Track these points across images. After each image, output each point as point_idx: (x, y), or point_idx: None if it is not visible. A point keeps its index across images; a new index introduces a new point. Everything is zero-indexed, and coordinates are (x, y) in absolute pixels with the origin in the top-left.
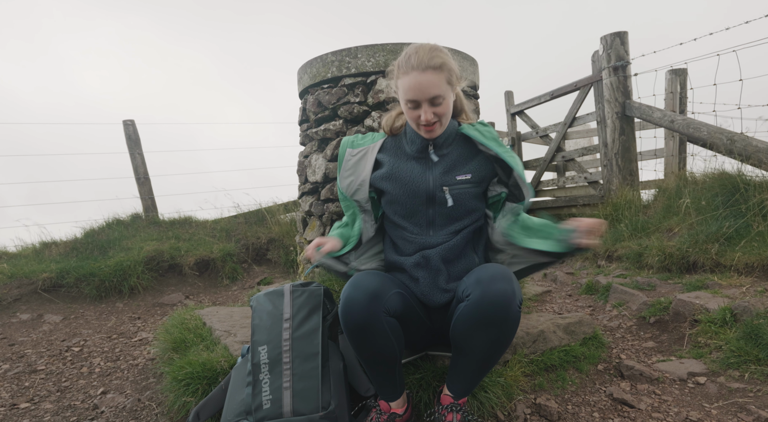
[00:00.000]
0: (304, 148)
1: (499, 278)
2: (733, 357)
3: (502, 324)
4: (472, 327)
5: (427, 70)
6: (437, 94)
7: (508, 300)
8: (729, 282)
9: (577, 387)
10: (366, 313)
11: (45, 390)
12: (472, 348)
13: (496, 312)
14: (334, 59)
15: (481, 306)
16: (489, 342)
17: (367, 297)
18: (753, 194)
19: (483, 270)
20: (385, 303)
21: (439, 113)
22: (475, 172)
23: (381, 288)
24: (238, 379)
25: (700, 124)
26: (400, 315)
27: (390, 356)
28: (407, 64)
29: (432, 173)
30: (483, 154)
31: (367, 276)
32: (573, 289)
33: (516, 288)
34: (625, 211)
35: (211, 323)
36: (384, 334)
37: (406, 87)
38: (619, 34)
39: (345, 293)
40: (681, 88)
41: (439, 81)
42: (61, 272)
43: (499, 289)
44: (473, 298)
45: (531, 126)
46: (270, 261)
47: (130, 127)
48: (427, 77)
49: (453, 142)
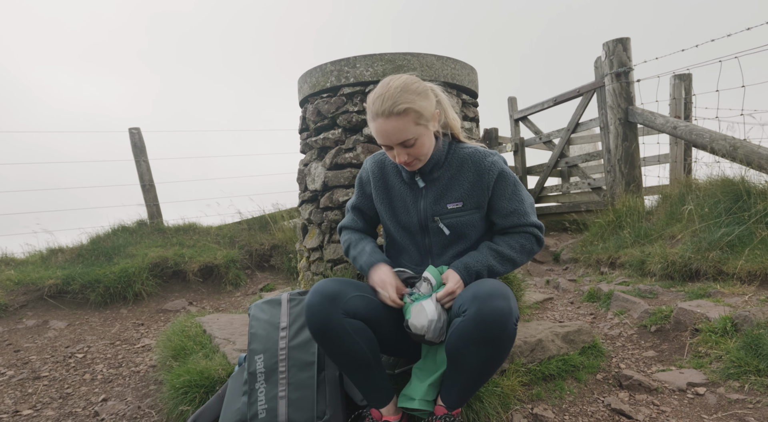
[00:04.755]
0: (304, 157)
1: (496, 295)
2: (733, 367)
3: (497, 341)
4: (468, 343)
5: (391, 117)
6: (407, 138)
7: (504, 317)
8: (731, 291)
9: (575, 397)
10: (323, 316)
11: (48, 396)
12: (466, 363)
13: (491, 330)
14: (333, 69)
15: (477, 323)
16: (483, 358)
17: (323, 300)
18: (756, 201)
19: (481, 285)
20: (344, 306)
21: (413, 154)
22: (467, 198)
23: (339, 291)
24: (234, 388)
25: (703, 130)
26: (366, 318)
27: (361, 358)
28: (372, 108)
29: (424, 201)
30: (479, 178)
31: (327, 282)
32: (575, 296)
33: (513, 305)
34: (628, 218)
35: (211, 330)
36: (346, 335)
37: (375, 131)
38: (621, 40)
39: (306, 300)
40: (686, 93)
41: (406, 125)
42: (67, 278)
43: (496, 307)
44: (469, 314)
45: (534, 132)
46: (273, 268)
47: (136, 135)
48: (392, 124)
49: (444, 165)
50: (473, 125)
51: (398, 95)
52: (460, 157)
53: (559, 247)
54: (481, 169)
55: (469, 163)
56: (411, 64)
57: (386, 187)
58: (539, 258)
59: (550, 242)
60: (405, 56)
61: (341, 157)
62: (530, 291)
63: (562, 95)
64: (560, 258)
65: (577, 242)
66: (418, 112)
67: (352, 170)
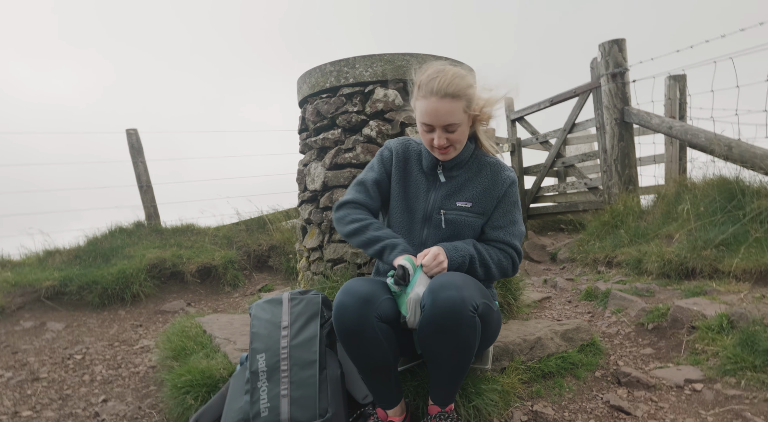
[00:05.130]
0: (304, 157)
1: (447, 286)
2: (730, 363)
3: (456, 330)
4: (430, 335)
5: (446, 98)
6: (452, 122)
7: (456, 306)
8: (727, 289)
9: (574, 394)
10: (357, 318)
11: (47, 398)
12: (436, 356)
13: (446, 320)
14: (333, 69)
15: (433, 315)
16: (449, 348)
17: (358, 303)
18: (751, 200)
19: (437, 279)
20: (377, 309)
21: (452, 140)
22: (477, 201)
23: (372, 293)
24: (236, 387)
25: (698, 130)
26: (393, 321)
27: (384, 362)
28: (428, 86)
29: (436, 193)
30: (493, 185)
31: (358, 282)
32: (573, 295)
33: (465, 294)
34: (625, 217)
35: (211, 331)
36: (376, 339)
37: (422, 110)
38: (617, 41)
39: (337, 299)
40: (680, 94)
41: (456, 109)
42: (64, 280)
43: (447, 297)
44: (426, 307)
45: (531, 132)
46: (271, 268)
47: (133, 135)
48: (444, 105)
49: (465, 166)
50: None
51: (456, 80)
52: (481, 163)
53: (556, 247)
54: (497, 180)
55: (487, 169)
56: (410, 64)
57: (405, 170)
58: (536, 257)
59: (547, 242)
60: (404, 57)
61: (341, 157)
62: (528, 290)
63: (559, 96)
64: (557, 258)
65: (573, 242)
66: (469, 100)
67: (351, 170)
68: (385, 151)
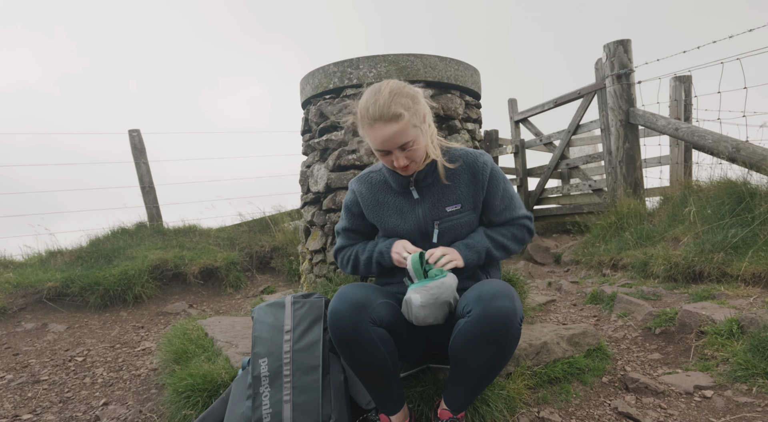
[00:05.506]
0: (307, 158)
1: (500, 295)
2: (741, 370)
3: (502, 341)
4: (473, 344)
5: (391, 121)
6: (405, 141)
7: (509, 318)
8: (736, 293)
9: (581, 400)
10: (352, 324)
11: (47, 401)
12: (471, 365)
13: (496, 330)
14: (336, 70)
15: (482, 324)
16: (489, 358)
17: (351, 308)
18: (759, 203)
19: (485, 286)
20: (372, 313)
21: (411, 156)
22: (465, 199)
23: (366, 298)
24: (238, 392)
25: (705, 131)
26: (390, 325)
27: (382, 367)
28: (368, 115)
29: (422, 207)
30: (473, 177)
31: (352, 288)
32: (578, 299)
33: (517, 305)
34: (630, 220)
35: (213, 333)
36: (372, 345)
37: (373, 139)
38: (622, 41)
39: (331, 306)
40: (686, 95)
41: (405, 127)
42: (66, 281)
43: (501, 307)
44: (474, 315)
45: (535, 133)
46: (274, 270)
47: (136, 137)
48: (392, 128)
49: (436, 169)
50: (476, 126)
51: (393, 99)
52: (452, 158)
53: (561, 249)
54: (475, 170)
55: (462, 163)
56: (414, 65)
57: (377, 203)
58: (540, 260)
59: (551, 244)
60: (408, 57)
61: (344, 158)
62: (533, 293)
63: (563, 97)
64: (561, 260)
65: (578, 244)
66: (416, 113)
67: (355, 172)
68: (349, 197)
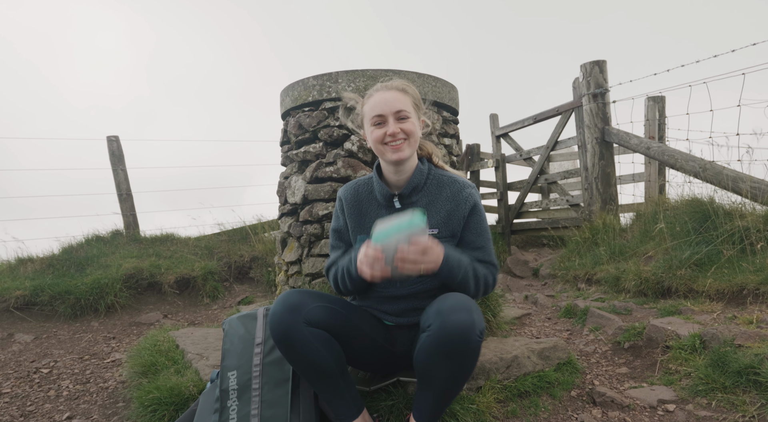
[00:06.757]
0: (285, 169)
1: (458, 309)
2: (702, 384)
3: (462, 354)
4: (433, 357)
5: (393, 89)
6: (403, 108)
7: (466, 331)
8: (701, 308)
9: (550, 414)
10: (284, 324)
11: (8, 415)
12: (434, 378)
13: (455, 344)
14: (315, 83)
15: (441, 338)
16: (450, 372)
17: (285, 310)
18: (723, 221)
19: (444, 300)
20: (306, 315)
21: (405, 130)
22: (443, 225)
23: (301, 301)
24: (205, 405)
25: (674, 151)
26: (329, 327)
27: (325, 367)
28: (374, 88)
29: None
30: (456, 207)
31: (291, 293)
32: (552, 312)
33: (476, 318)
34: (604, 235)
35: (184, 345)
36: (308, 343)
37: (372, 105)
38: (597, 62)
39: (270, 310)
40: (660, 115)
41: (405, 99)
42: (36, 289)
43: (458, 320)
44: (433, 329)
45: (515, 148)
46: (252, 280)
47: (114, 143)
48: (392, 94)
49: (423, 189)
50: (453, 142)
51: (402, 82)
52: (439, 183)
53: (539, 263)
54: (459, 200)
55: (447, 191)
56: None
57: (360, 212)
58: (519, 273)
59: (530, 257)
60: (386, 73)
61: (322, 170)
62: (508, 306)
63: (542, 113)
64: (539, 274)
65: (555, 258)
66: (416, 99)
67: (332, 184)
68: (337, 203)
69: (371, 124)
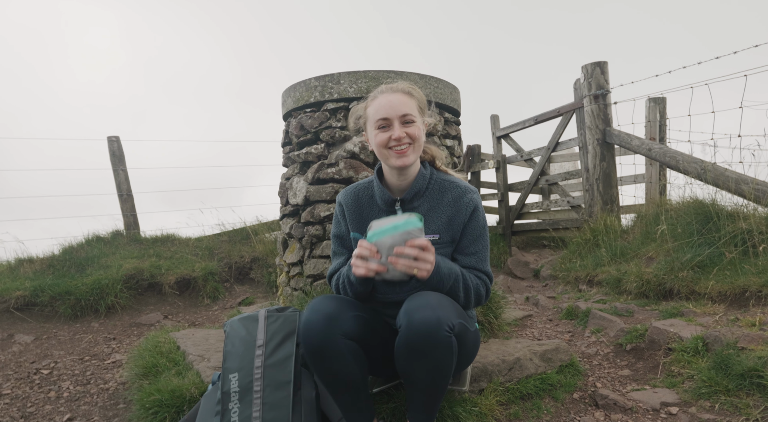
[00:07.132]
0: (286, 170)
1: (423, 307)
2: (704, 387)
3: (432, 352)
4: (406, 357)
5: (398, 92)
6: (408, 112)
7: (431, 328)
8: (703, 310)
9: (552, 416)
10: (323, 335)
11: (8, 416)
12: (414, 378)
13: (423, 341)
14: (317, 84)
15: (409, 337)
16: (426, 370)
17: (324, 320)
18: (725, 223)
19: (412, 299)
20: (343, 325)
21: (410, 134)
22: (444, 231)
23: (338, 310)
24: (207, 408)
25: (676, 152)
26: (360, 339)
27: (351, 380)
28: (378, 90)
29: None
30: (457, 212)
31: (325, 300)
32: (554, 314)
33: (441, 314)
34: (605, 236)
35: (185, 347)
36: (342, 357)
37: (376, 107)
38: (599, 63)
39: (304, 317)
40: (660, 116)
41: (411, 103)
42: (36, 290)
43: (422, 318)
44: (401, 329)
45: (516, 149)
46: (253, 281)
47: (115, 143)
48: (397, 97)
49: (425, 194)
50: (455, 143)
51: (408, 85)
52: (441, 188)
53: (540, 264)
54: (460, 205)
55: (449, 196)
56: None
57: (361, 217)
58: (520, 274)
59: (531, 258)
60: (389, 74)
61: (323, 171)
62: (510, 308)
63: (543, 114)
64: (540, 275)
65: (556, 259)
66: (421, 102)
67: (334, 185)
68: (337, 208)
69: (375, 127)
